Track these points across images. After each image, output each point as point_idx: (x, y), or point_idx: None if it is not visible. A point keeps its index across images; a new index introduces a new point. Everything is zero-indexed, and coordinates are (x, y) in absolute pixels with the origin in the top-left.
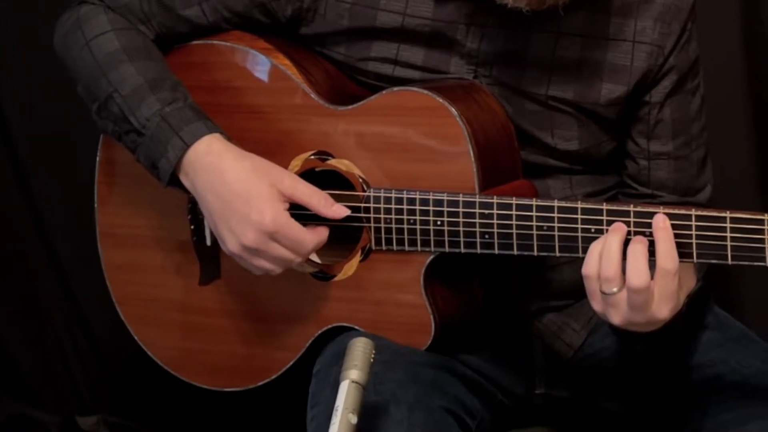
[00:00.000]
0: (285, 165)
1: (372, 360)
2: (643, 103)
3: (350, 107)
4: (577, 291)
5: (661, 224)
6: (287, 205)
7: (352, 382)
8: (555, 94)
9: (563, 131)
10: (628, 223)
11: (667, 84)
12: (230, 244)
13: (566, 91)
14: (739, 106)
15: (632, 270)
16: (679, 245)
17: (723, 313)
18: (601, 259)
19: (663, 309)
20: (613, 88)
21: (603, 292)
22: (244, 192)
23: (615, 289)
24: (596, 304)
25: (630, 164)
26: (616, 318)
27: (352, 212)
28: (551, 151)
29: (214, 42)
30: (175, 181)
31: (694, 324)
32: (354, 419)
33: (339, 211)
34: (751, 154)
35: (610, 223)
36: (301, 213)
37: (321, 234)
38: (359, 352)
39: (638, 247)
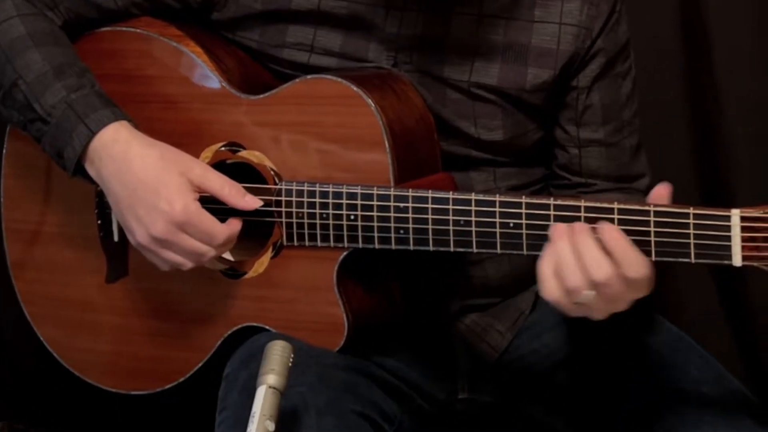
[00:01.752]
0: (195, 156)
1: (290, 364)
2: (571, 88)
3: (262, 96)
4: (502, 289)
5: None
6: (197, 195)
7: (270, 387)
8: (478, 80)
9: (487, 120)
10: (548, 217)
11: (595, 67)
12: (138, 236)
13: (490, 77)
14: (678, 99)
15: (591, 265)
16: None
17: (660, 318)
18: (557, 275)
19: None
20: (539, 73)
21: (576, 303)
22: (152, 181)
23: (586, 292)
24: (574, 314)
25: (560, 153)
26: (599, 315)
27: (264, 206)
28: (474, 142)
29: (123, 29)
30: (81, 171)
31: (629, 328)
32: (272, 426)
33: (251, 202)
34: (687, 149)
35: (529, 216)
36: (212, 207)
37: (233, 226)
38: (277, 356)
39: (583, 239)
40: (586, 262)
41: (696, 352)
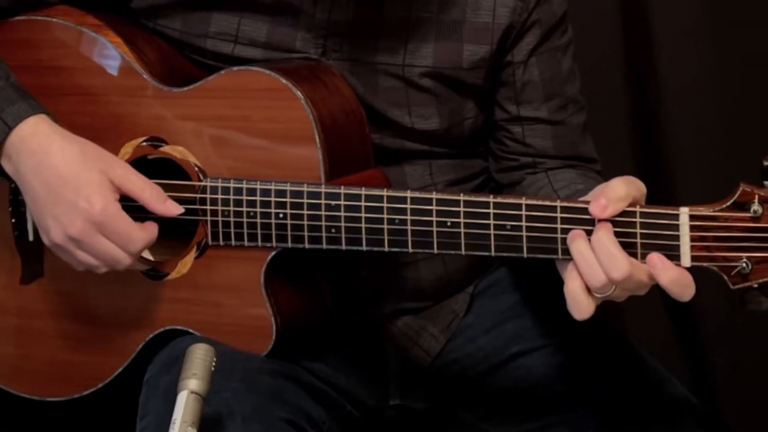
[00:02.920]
0: (115, 152)
1: (213, 368)
2: (508, 64)
3: (186, 89)
4: (436, 291)
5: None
6: (118, 196)
7: (191, 392)
8: (412, 62)
9: (421, 108)
10: (487, 215)
11: (531, 40)
12: (53, 234)
13: (425, 57)
14: (618, 92)
15: (607, 264)
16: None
17: (601, 318)
18: (584, 276)
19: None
20: (475, 49)
21: (598, 296)
22: (72, 178)
23: (609, 292)
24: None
25: (502, 135)
26: (621, 299)
27: (188, 204)
28: (409, 133)
29: (38, 18)
30: None
31: (567, 330)
32: None
33: (172, 208)
34: (627, 143)
35: (468, 215)
36: (130, 204)
37: (151, 231)
38: (199, 359)
39: (602, 235)
40: (598, 256)
41: (638, 354)
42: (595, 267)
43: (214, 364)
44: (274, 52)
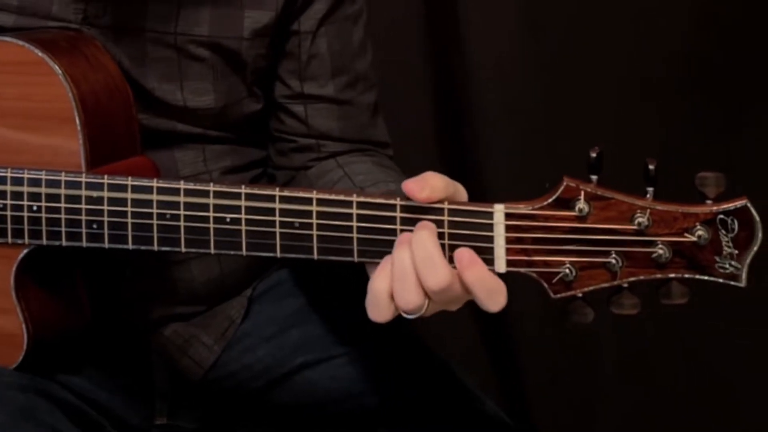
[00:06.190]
0: None
1: None
2: (293, 33)
3: None
4: (210, 295)
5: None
6: None
7: None
8: (186, 31)
9: (195, 83)
10: (273, 211)
11: (321, 7)
12: None
13: (200, 26)
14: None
15: (425, 271)
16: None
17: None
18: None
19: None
20: (258, 17)
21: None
22: None
23: (422, 312)
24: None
25: (282, 114)
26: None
27: None
28: (180, 112)
29: None
30: None
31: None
32: None
33: None
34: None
35: (250, 210)
36: None
37: None
38: None
39: (424, 236)
40: (415, 258)
41: (442, 366)
42: (410, 281)
43: None
44: (28, 19)
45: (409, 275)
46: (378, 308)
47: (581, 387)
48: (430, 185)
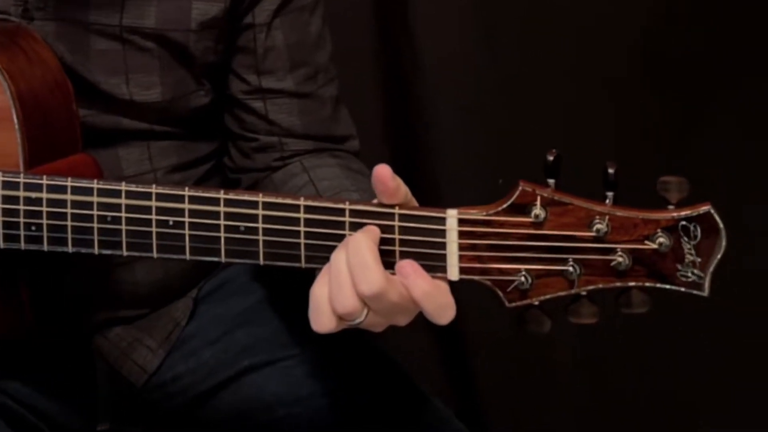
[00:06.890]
0: None
1: None
2: (248, 27)
3: None
4: (154, 297)
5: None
6: None
7: None
8: (132, 24)
9: (141, 76)
10: (217, 215)
11: None
12: None
13: (147, 18)
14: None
15: (359, 274)
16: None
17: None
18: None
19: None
20: (206, 8)
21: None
22: None
23: (360, 319)
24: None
25: (242, 111)
26: (378, 329)
27: None
28: (126, 107)
29: None
30: None
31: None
32: None
33: None
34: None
35: (194, 213)
36: None
37: None
38: None
39: (361, 238)
40: (351, 265)
41: (395, 370)
42: (345, 284)
43: None
44: None
45: (344, 277)
46: (319, 314)
47: (536, 388)
48: (400, 180)
